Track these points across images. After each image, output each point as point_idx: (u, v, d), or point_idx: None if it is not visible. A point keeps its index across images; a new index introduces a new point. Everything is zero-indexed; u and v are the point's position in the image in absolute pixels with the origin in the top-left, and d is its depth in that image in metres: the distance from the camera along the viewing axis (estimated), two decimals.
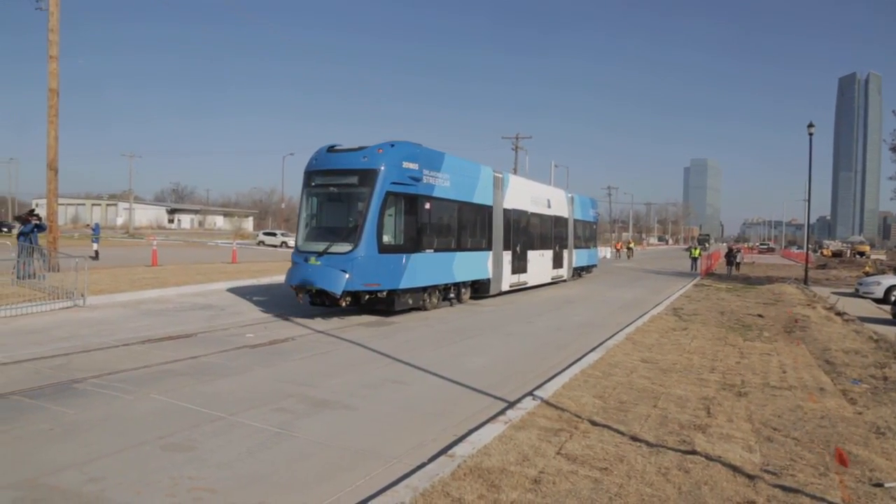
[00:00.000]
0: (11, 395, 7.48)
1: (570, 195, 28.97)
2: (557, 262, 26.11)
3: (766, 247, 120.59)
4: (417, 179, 15.01)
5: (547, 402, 7.34)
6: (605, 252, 64.13)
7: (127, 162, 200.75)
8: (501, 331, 13.94)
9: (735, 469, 5.43)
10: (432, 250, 15.79)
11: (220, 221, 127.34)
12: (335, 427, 6.66)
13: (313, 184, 15.05)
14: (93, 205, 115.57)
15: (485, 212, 18.97)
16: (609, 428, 6.46)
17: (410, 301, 15.38)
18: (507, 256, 20.41)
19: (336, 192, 14.99)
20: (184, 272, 23.29)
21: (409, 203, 14.86)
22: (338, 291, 13.49)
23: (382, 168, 14.14)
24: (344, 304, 13.84)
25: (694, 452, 5.76)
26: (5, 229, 65.99)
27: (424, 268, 15.43)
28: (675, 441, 6.14)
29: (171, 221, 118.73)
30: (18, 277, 17.04)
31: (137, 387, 7.99)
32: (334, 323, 13.97)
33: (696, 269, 38.36)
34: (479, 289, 19.22)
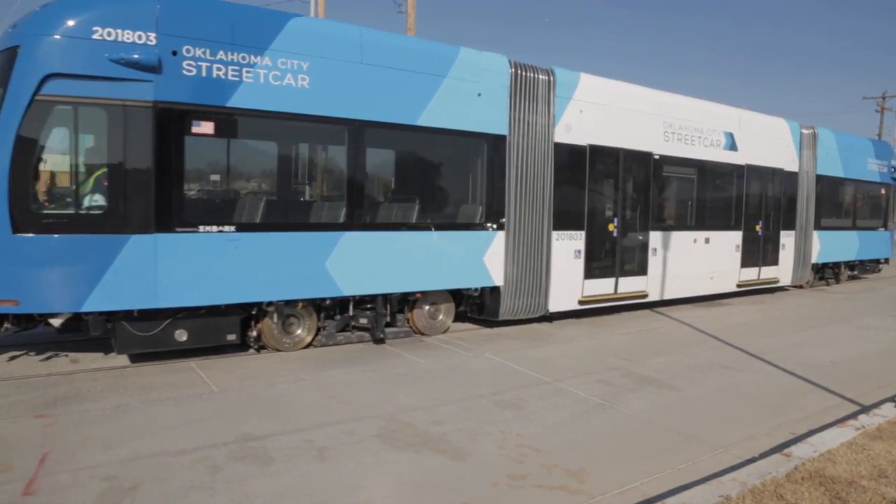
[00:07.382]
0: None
1: (803, 130, 15.45)
2: (757, 254, 14.42)
3: None
4: (151, 68, 6.87)
5: None
6: None
7: None
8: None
9: None
10: (233, 228, 7.54)
11: None
12: (658, 405, 6.56)
13: None
14: None
15: (473, 147, 9.54)
16: None
17: (174, 333, 7.38)
18: (570, 242, 10.51)
19: None
20: None
21: (129, 119, 6.93)
22: None
23: (38, 45, 6.63)
24: None
25: None
26: None
27: (198, 265, 7.30)
28: None
29: None
30: None
31: (474, 345, 8.91)
32: None
33: None
34: (484, 306, 9.93)
